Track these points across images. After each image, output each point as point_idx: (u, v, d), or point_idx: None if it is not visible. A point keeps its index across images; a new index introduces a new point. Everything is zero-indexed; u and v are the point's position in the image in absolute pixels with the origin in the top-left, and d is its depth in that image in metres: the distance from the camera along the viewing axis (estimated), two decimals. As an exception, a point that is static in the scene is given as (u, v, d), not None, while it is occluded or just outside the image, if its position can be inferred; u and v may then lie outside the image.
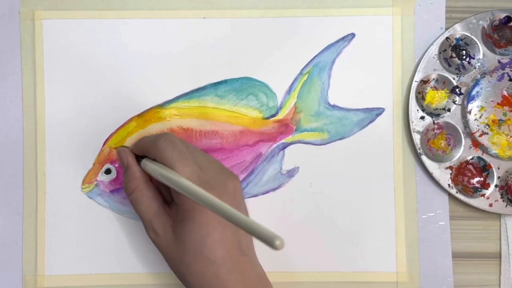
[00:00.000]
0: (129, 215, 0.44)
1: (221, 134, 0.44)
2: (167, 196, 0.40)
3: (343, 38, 0.44)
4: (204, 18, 0.44)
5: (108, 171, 0.44)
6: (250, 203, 0.44)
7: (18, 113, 0.44)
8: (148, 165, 0.38)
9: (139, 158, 0.40)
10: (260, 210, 0.43)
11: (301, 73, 0.44)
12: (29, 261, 0.43)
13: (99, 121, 0.44)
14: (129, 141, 0.44)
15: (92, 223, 0.44)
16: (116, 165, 0.44)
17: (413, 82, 0.43)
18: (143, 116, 0.44)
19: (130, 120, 0.44)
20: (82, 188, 0.44)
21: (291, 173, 0.44)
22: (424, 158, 0.43)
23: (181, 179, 0.34)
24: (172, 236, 0.37)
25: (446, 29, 0.44)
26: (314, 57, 0.44)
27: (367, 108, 0.44)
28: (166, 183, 0.35)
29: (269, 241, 0.27)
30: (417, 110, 0.43)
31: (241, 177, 0.44)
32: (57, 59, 0.44)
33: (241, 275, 0.36)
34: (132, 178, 0.38)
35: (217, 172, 0.38)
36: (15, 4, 0.44)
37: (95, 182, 0.44)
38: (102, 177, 0.44)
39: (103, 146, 0.44)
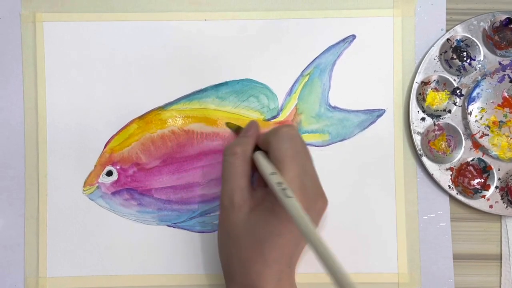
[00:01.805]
0: (131, 217, 0.44)
1: (222, 136, 0.44)
2: (255, 181, 0.40)
3: (343, 40, 0.44)
4: (205, 20, 0.44)
5: (109, 173, 0.44)
6: (251, 204, 0.44)
7: (19, 115, 0.44)
8: (259, 158, 0.38)
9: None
10: (261, 212, 0.44)
11: (302, 74, 0.44)
12: (30, 263, 0.44)
13: (100, 123, 0.44)
14: (133, 145, 0.44)
15: (94, 225, 0.44)
16: (118, 167, 0.44)
17: (414, 83, 0.43)
18: (144, 118, 0.44)
19: (131, 122, 0.44)
20: (84, 190, 0.44)
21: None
22: (424, 159, 0.43)
23: (291, 203, 0.33)
24: (246, 216, 0.36)
25: (447, 30, 0.44)
26: (315, 58, 0.44)
27: (367, 110, 0.44)
28: (267, 182, 0.35)
29: (344, 285, 0.28)
30: (418, 111, 0.43)
31: (242, 178, 0.44)
32: (58, 61, 0.44)
33: (279, 284, 0.36)
34: (242, 144, 0.38)
35: (314, 186, 0.38)
36: (16, 6, 0.44)
37: (97, 184, 0.44)
38: (103, 179, 0.44)
39: (104, 148, 0.44)
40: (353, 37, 0.44)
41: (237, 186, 0.37)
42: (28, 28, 0.44)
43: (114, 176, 0.44)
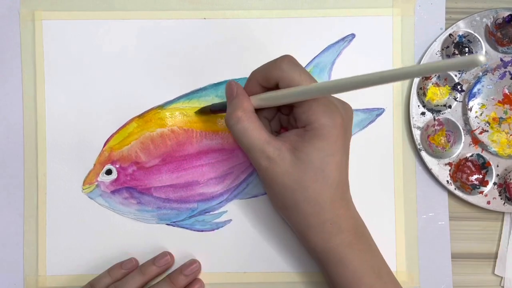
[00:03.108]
0: (130, 216, 0.44)
1: (222, 135, 0.44)
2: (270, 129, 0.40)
3: (343, 39, 0.44)
4: (205, 19, 0.44)
5: (109, 172, 0.44)
6: (250, 203, 0.44)
7: (18, 113, 0.44)
8: (268, 94, 0.37)
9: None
10: (260, 210, 0.44)
11: (301, 73, 0.44)
12: (30, 261, 0.44)
13: (99, 122, 0.44)
14: (132, 143, 0.44)
15: (93, 224, 0.44)
16: (117, 166, 0.44)
17: (415, 78, 0.43)
18: (144, 116, 0.44)
19: (131, 120, 0.44)
20: (83, 189, 0.44)
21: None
22: (423, 154, 0.43)
23: (313, 84, 0.34)
24: (291, 158, 0.36)
25: (446, 29, 0.44)
26: (315, 57, 0.44)
27: (367, 109, 0.44)
28: (294, 100, 0.36)
29: (472, 62, 0.26)
30: (418, 106, 0.44)
31: (242, 177, 0.44)
32: (57, 60, 0.44)
33: (348, 203, 0.38)
34: (238, 106, 0.37)
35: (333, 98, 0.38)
36: (15, 4, 0.44)
37: (96, 183, 0.44)
38: (103, 178, 0.44)
39: (103, 146, 0.44)
40: (353, 36, 0.44)
41: (263, 141, 0.36)
42: (27, 26, 0.44)
43: (114, 175, 0.44)
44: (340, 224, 0.36)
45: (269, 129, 0.40)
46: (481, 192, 0.43)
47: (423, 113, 0.44)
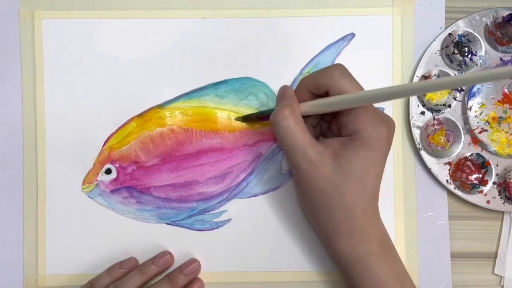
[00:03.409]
0: (130, 215, 0.44)
1: (222, 134, 0.44)
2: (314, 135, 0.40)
3: (343, 38, 0.44)
4: (204, 18, 0.44)
5: (108, 171, 0.44)
6: (250, 203, 0.44)
7: (18, 113, 0.44)
8: (318, 101, 0.37)
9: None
10: (260, 210, 0.44)
11: (301, 73, 0.44)
12: (30, 260, 0.44)
13: (99, 121, 0.44)
14: (132, 143, 0.44)
15: (93, 223, 0.44)
16: (117, 165, 0.44)
17: (415, 77, 0.43)
18: (144, 116, 0.44)
19: (130, 120, 0.44)
20: (83, 188, 0.44)
21: (291, 173, 0.44)
22: (423, 153, 0.43)
23: (363, 91, 0.35)
24: (332, 164, 0.36)
25: (445, 29, 0.44)
26: (314, 57, 0.44)
27: (367, 108, 0.44)
28: (343, 108, 0.36)
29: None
30: (418, 105, 0.44)
31: (241, 177, 0.44)
32: (57, 59, 0.44)
33: (377, 213, 0.38)
34: (288, 106, 0.37)
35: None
36: (14, 3, 0.44)
37: (96, 182, 0.44)
38: (102, 177, 0.44)
39: (103, 146, 0.44)
40: (353, 35, 0.44)
41: (306, 143, 0.36)
42: (27, 25, 0.44)
43: (113, 174, 0.44)
44: (369, 232, 0.37)
45: (313, 134, 0.40)
46: (481, 192, 0.43)
47: (422, 113, 0.44)
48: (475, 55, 0.44)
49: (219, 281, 0.43)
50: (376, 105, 0.44)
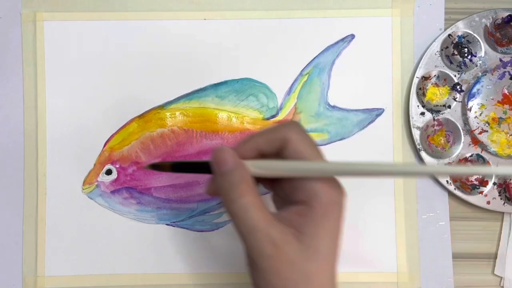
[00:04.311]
0: (130, 216, 0.44)
1: (222, 135, 0.44)
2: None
3: (343, 39, 0.44)
4: (204, 19, 0.45)
5: (109, 172, 0.44)
6: (250, 203, 0.44)
7: (19, 113, 0.44)
8: (269, 162, 0.32)
9: None
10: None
11: (301, 74, 0.44)
12: (29, 261, 0.43)
13: (100, 122, 0.44)
14: (133, 144, 0.44)
15: (93, 224, 0.44)
16: (117, 166, 0.44)
17: (414, 78, 0.44)
18: (144, 117, 0.44)
19: (131, 121, 0.44)
20: (83, 189, 0.44)
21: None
22: (423, 154, 0.43)
23: (330, 162, 0.31)
24: (298, 245, 0.30)
25: (445, 30, 0.44)
26: (314, 58, 0.44)
27: (367, 109, 0.44)
28: (299, 176, 0.31)
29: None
30: (418, 106, 0.44)
31: (242, 177, 0.44)
32: (59, 61, 0.44)
33: (334, 279, 0.32)
34: (240, 181, 0.31)
35: None
36: (16, 5, 0.45)
37: (96, 183, 0.44)
38: (103, 178, 0.44)
39: (104, 146, 0.44)
40: (352, 36, 0.44)
41: (269, 222, 0.30)
42: (29, 27, 0.44)
43: (114, 175, 0.44)
44: None
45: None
46: (481, 192, 0.43)
47: (422, 113, 0.44)
48: (475, 56, 0.44)
49: (219, 282, 0.43)
50: (374, 105, 0.44)
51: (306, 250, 0.30)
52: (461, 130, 0.44)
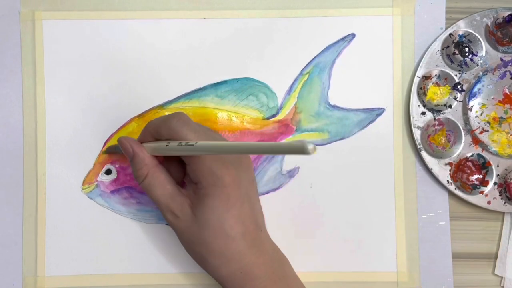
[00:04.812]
0: (130, 216, 0.44)
1: (222, 135, 0.44)
2: (178, 178, 0.40)
3: (343, 39, 0.44)
4: (204, 18, 0.44)
5: (108, 172, 0.44)
6: (250, 203, 0.44)
7: (18, 113, 0.44)
8: (160, 145, 0.37)
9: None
10: (260, 210, 0.44)
11: (301, 73, 0.44)
12: (29, 261, 0.43)
13: (99, 122, 0.44)
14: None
15: (93, 224, 0.44)
16: (117, 166, 0.44)
17: (415, 78, 0.43)
18: (144, 116, 0.44)
19: (131, 120, 0.44)
20: (83, 189, 0.44)
21: (291, 173, 0.44)
22: (424, 153, 0.43)
23: (199, 143, 0.34)
24: (192, 215, 0.37)
25: (446, 29, 0.44)
26: (315, 57, 0.44)
27: (367, 109, 0.44)
28: (184, 154, 0.36)
29: (301, 149, 0.27)
30: (418, 105, 0.44)
31: (242, 177, 0.44)
32: (57, 60, 0.44)
33: (260, 249, 0.38)
34: (142, 164, 0.38)
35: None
36: (15, 4, 0.44)
37: (96, 183, 0.44)
38: (102, 178, 0.44)
39: (103, 146, 0.44)
40: (353, 36, 0.44)
41: (168, 196, 0.37)
42: (27, 26, 0.44)
43: (113, 175, 0.44)
44: (251, 272, 0.37)
45: (179, 177, 0.40)
46: (482, 192, 0.43)
47: (423, 113, 0.44)
48: (476, 56, 0.44)
49: (219, 282, 0.43)
50: (375, 104, 0.44)
51: (199, 220, 0.36)
52: (462, 130, 0.43)
